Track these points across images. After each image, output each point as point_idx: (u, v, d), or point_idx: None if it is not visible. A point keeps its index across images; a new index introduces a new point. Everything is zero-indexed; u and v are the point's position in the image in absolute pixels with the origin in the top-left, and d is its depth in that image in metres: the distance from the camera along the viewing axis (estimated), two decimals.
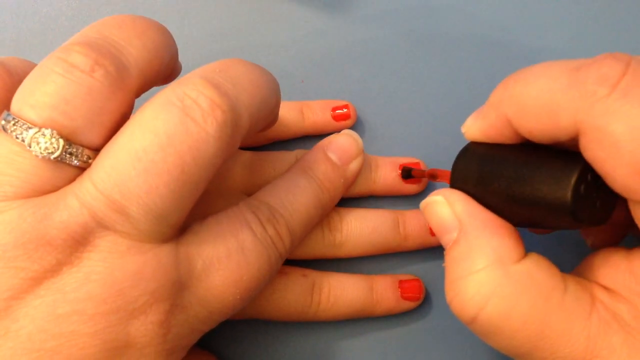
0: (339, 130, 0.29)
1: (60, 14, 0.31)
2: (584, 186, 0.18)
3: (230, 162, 0.27)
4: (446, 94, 0.30)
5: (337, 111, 0.29)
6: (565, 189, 0.18)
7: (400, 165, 0.27)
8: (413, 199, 0.28)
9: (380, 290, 0.26)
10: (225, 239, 0.21)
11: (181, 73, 0.23)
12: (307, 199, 0.24)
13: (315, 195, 0.24)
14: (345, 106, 0.29)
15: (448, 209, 0.21)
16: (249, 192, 0.27)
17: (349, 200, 0.28)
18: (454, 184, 0.22)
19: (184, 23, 0.31)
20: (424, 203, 0.22)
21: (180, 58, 0.23)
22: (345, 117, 0.29)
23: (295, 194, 0.24)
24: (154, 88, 0.21)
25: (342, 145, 0.26)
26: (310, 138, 0.29)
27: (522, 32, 0.30)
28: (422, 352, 0.27)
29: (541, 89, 0.18)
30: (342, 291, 0.26)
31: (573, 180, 0.18)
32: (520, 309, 0.18)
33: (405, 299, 0.27)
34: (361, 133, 0.29)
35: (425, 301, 0.27)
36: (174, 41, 0.21)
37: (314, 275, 0.26)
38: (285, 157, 0.27)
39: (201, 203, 0.25)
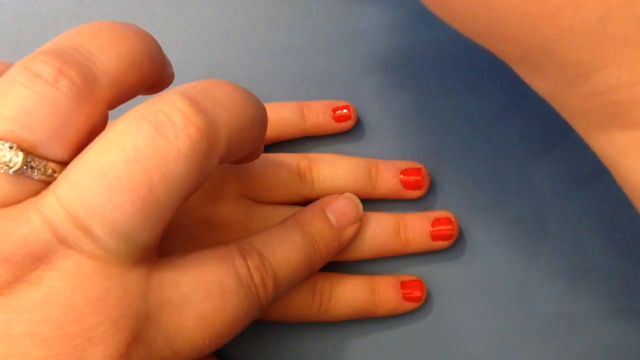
0: (339, 131, 0.29)
1: (60, 14, 0.31)
2: None
3: (229, 165, 0.26)
4: (447, 94, 0.30)
5: (337, 112, 0.29)
6: None
7: (402, 170, 0.27)
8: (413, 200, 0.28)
9: (382, 291, 0.26)
10: (208, 278, 0.19)
11: (181, 75, 0.23)
12: (298, 255, 0.23)
13: (307, 253, 0.24)
14: (346, 107, 0.29)
15: None
16: (249, 194, 0.27)
17: None
18: None
19: (182, 24, 0.31)
20: None
21: (178, 60, 0.23)
22: (346, 117, 0.29)
23: (289, 248, 0.23)
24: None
25: (343, 208, 0.26)
26: (311, 138, 0.29)
27: None
28: (423, 352, 0.27)
29: None
30: (344, 292, 0.26)
31: None
32: None
33: (407, 299, 0.27)
34: (361, 133, 0.29)
35: (426, 302, 0.27)
36: (158, 49, 0.20)
37: (315, 276, 0.26)
38: (285, 159, 0.27)
39: (202, 206, 0.25)
